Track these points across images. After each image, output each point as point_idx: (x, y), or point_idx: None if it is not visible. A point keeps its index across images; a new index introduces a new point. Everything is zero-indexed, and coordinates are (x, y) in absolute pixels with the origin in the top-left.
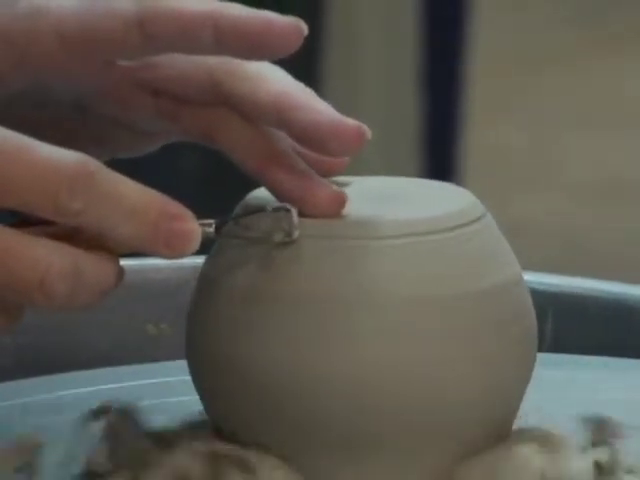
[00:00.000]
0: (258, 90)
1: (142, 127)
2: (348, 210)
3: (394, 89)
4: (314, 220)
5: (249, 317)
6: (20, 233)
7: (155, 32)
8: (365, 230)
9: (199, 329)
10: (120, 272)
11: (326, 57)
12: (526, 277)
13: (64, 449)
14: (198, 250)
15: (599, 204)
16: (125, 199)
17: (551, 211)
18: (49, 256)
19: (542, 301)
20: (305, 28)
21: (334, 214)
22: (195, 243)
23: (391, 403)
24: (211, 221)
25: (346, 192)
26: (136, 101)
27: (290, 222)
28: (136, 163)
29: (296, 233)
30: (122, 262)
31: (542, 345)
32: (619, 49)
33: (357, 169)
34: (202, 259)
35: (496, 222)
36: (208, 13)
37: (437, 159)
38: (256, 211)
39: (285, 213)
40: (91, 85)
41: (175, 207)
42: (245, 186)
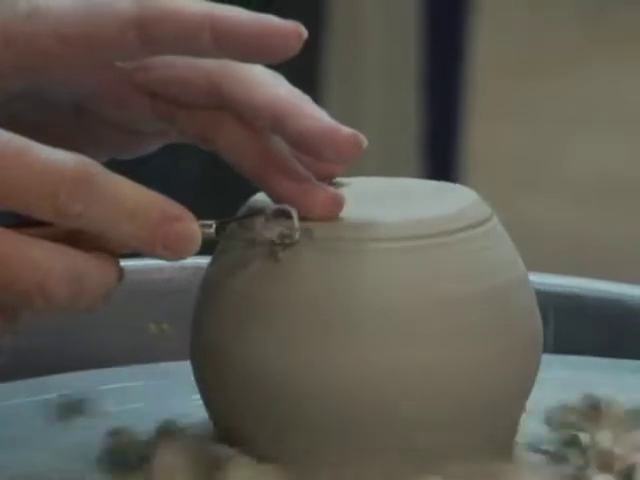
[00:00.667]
0: (254, 94)
1: (140, 128)
2: (349, 212)
3: (395, 90)
4: (315, 222)
5: (250, 319)
6: (20, 236)
7: (154, 34)
8: (367, 232)
9: (203, 330)
10: (121, 273)
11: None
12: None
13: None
14: (200, 251)
15: (601, 204)
16: (125, 201)
17: (552, 211)
18: (49, 259)
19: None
20: (305, 32)
21: (332, 217)
22: (195, 244)
23: (391, 405)
24: (211, 222)
25: (346, 193)
26: (134, 102)
27: (290, 225)
28: (136, 164)
29: (297, 235)
30: (124, 262)
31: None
32: (621, 50)
33: (358, 170)
34: (204, 259)
35: (503, 224)
36: (207, 15)
37: (438, 160)
38: (257, 213)
39: (285, 216)
40: (89, 86)
41: (175, 208)
42: (245, 187)
